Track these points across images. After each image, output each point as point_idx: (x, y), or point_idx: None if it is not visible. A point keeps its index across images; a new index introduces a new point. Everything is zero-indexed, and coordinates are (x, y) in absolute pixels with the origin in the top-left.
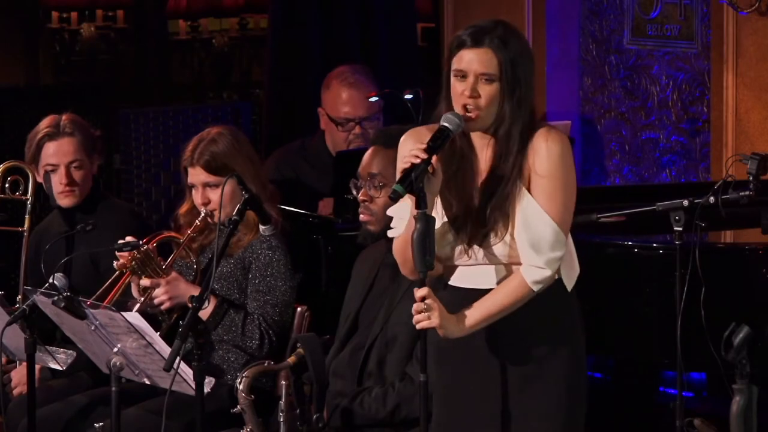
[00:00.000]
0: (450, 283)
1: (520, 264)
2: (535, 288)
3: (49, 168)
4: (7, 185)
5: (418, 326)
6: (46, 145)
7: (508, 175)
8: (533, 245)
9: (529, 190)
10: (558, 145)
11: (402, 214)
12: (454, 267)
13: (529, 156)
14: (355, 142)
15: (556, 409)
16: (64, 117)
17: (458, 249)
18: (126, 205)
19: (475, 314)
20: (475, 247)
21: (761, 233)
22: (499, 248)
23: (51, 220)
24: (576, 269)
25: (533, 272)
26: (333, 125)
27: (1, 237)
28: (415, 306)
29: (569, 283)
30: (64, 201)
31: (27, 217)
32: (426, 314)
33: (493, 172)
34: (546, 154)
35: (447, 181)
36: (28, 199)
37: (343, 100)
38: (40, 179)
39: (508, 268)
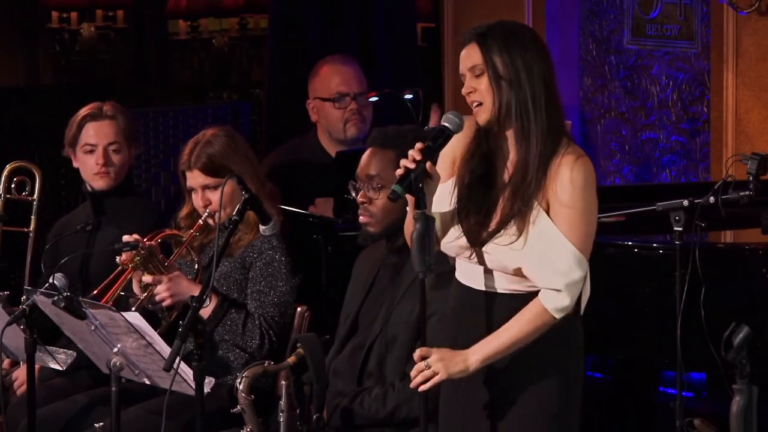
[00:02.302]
0: (457, 276)
1: (508, 274)
2: (558, 315)
3: (88, 148)
4: (13, 185)
5: (421, 389)
6: (87, 126)
7: (527, 191)
8: (553, 267)
9: (548, 212)
10: (582, 174)
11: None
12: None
13: (551, 179)
14: (352, 120)
15: (543, 419)
16: (107, 103)
17: (460, 243)
18: (150, 203)
19: (488, 348)
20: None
21: (761, 233)
22: (496, 255)
23: (77, 212)
24: (588, 293)
25: (554, 298)
26: (326, 109)
27: (8, 237)
28: (416, 368)
29: (581, 307)
30: (98, 182)
31: (33, 217)
32: (430, 371)
33: (512, 183)
34: (569, 184)
35: (471, 184)
36: (34, 199)
37: (335, 78)
38: (76, 164)
39: (498, 275)
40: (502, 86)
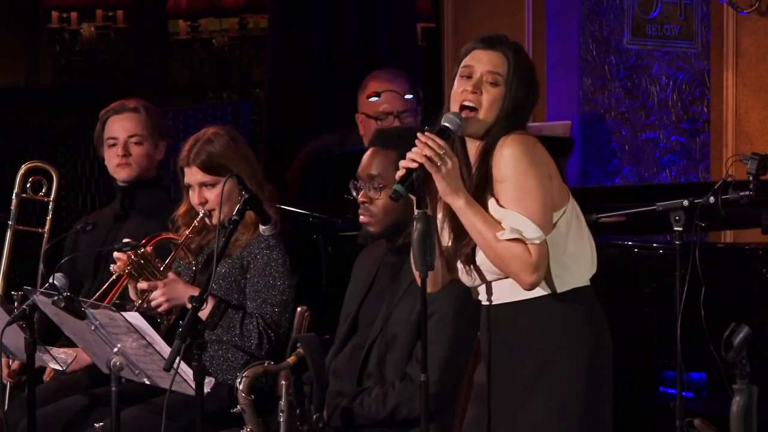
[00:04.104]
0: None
1: (504, 278)
2: (504, 236)
3: (111, 142)
4: (28, 185)
5: (429, 164)
6: (110, 120)
7: (475, 187)
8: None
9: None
10: (509, 149)
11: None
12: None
13: (492, 167)
14: None
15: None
16: (132, 98)
17: (461, 269)
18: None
19: (475, 208)
20: (473, 266)
21: (761, 233)
22: (485, 264)
23: (106, 208)
24: (571, 270)
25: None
26: (372, 125)
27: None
28: (427, 146)
29: (560, 285)
30: (120, 174)
31: (48, 218)
32: (442, 154)
33: (471, 192)
34: (500, 161)
35: (445, 207)
36: (50, 200)
37: (381, 96)
38: (107, 161)
39: (503, 283)
40: (506, 110)
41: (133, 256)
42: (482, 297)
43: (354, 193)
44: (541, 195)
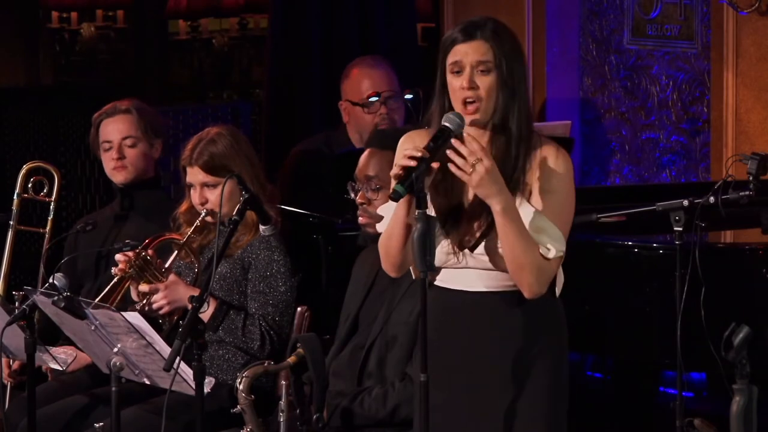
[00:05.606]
0: (435, 283)
1: (501, 270)
2: (549, 255)
3: (106, 146)
4: (29, 185)
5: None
6: (103, 124)
7: (510, 182)
8: (543, 238)
9: (528, 200)
10: (567, 163)
11: (389, 210)
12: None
13: (535, 168)
14: (383, 125)
15: (540, 411)
16: (125, 99)
17: (445, 250)
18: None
19: (515, 213)
20: (466, 250)
21: (761, 233)
22: (489, 254)
23: (107, 208)
24: (562, 277)
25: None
26: (357, 112)
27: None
28: (471, 143)
29: (557, 290)
30: (117, 177)
31: (50, 218)
32: (480, 158)
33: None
34: (554, 171)
35: (436, 180)
36: (51, 200)
37: (365, 81)
38: (104, 165)
39: (496, 274)
40: (505, 92)
41: (133, 259)
42: (457, 281)
43: (352, 195)
44: (572, 214)
